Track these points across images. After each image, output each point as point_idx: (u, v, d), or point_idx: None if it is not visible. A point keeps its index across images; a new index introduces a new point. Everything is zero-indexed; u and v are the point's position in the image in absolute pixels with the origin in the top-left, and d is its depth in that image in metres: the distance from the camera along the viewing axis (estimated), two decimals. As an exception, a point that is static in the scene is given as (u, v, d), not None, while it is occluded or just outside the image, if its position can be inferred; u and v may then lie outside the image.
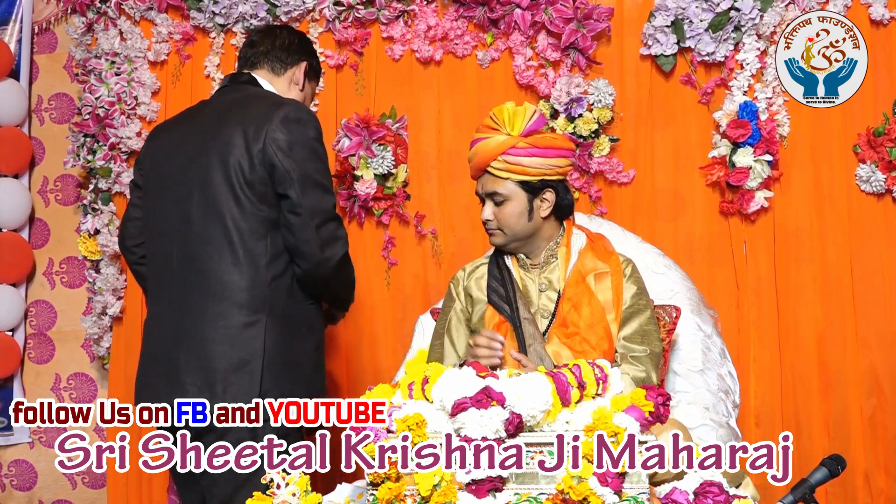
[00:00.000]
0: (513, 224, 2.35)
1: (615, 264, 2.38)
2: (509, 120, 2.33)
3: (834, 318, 3.22)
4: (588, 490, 1.69)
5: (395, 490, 1.72)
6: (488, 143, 2.33)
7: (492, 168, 2.33)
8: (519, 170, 2.31)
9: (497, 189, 2.34)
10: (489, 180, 2.35)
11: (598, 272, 2.36)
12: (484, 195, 2.38)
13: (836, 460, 1.90)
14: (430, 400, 1.86)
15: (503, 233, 2.37)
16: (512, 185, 2.33)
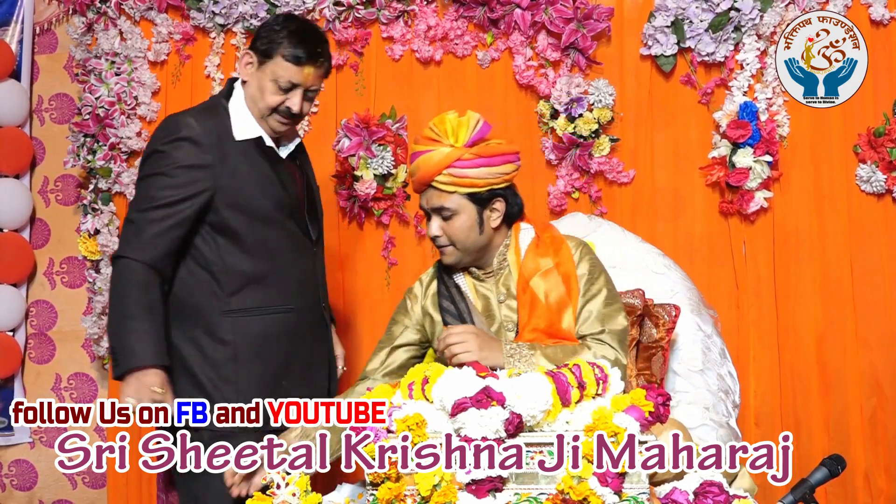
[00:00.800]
0: (464, 238, 2.25)
1: (563, 254, 2.29)
2: (453, 131, 2.21)
3: (834, 318, 3.23)
4: (588, 490, 1.69)
5: (395, 490, 1.72)
6: (432, 157, 2.20)
7: (437, 182, 2.21)
8: (466, 182, 2.20)
9: (444, 203, 2.22)
10: (435, 195, 2.23)
11: (542, 271, 2.26)
12: (430, 210, 2.26)
13: (836, 460, 1.90)
14: (429, 400, 1.86)
15: (455, 248, 2.27)
16: (459, 199, 2.22)
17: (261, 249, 2.44)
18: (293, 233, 2.51)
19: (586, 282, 2.27)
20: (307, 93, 2.44)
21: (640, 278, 2.77)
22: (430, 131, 2.24)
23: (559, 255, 2.28)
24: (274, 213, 2.45)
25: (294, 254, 2.51)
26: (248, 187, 2.41)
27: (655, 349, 2.60)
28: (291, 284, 2.49)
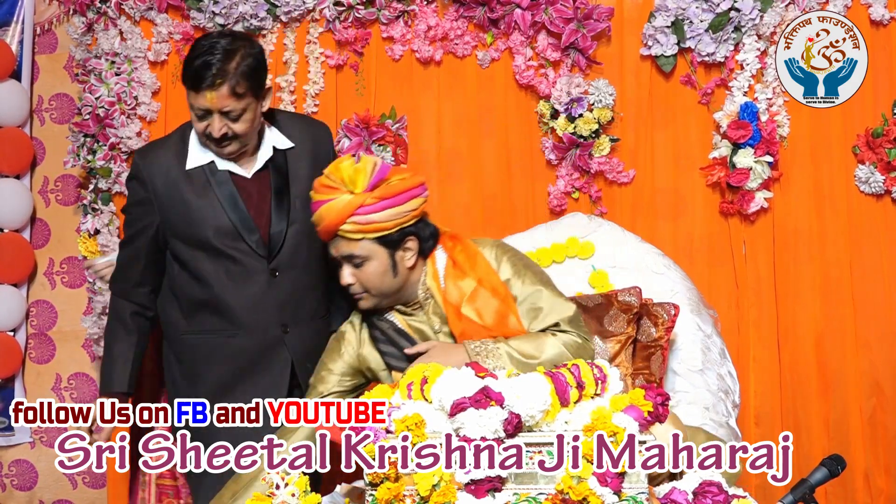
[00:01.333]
0: (378, 284, 2.20)
1: (481, 267, 2.23)
2: (350, 179, 2.16)
3: (833, 319, 3.23)
4: (588, 490, 1.69)
5: (395, 490, 1.72)
6: (333, 206, 2.15)
7: (343, 231, 2.17)
8: (373, 227, 2.16)
9: (354, 252, 2.18)
10: (343, 243, 2.19)
11: (468, 295, 2.20)
12: (340, 258, 2.22)
13: (836, 460, 1.90)
14: (429, 400, 1.86)
15: (370, 294, 2.22)
16: (369, 244, 2.17)
17: (202, 276, 2.50)
18: (239, 259, 2.47)
19: (515, 281, 2.23)
20: (228, 114, 2.37)
21: (639, 278, 2.77)
22: (328, 179, 2.18)
23: (478, 270, 2.22)
24: (216, 241, 2.46)
25: (238, 280, 2.49)
26: (192, 216, 2.46)
27: (654, 348, 2.60)
28: (235, 309, 2.50)
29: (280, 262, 2.49)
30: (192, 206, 2.46)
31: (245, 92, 2.35)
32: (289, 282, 2.50)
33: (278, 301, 2.51)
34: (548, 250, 2.94)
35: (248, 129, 2.41)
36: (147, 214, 2.51)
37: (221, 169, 2.47)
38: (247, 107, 2.37)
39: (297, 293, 2.53)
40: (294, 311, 2.53)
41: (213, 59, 2.34)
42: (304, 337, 2.53)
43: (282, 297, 2.51)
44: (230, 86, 2.33)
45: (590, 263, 2.91)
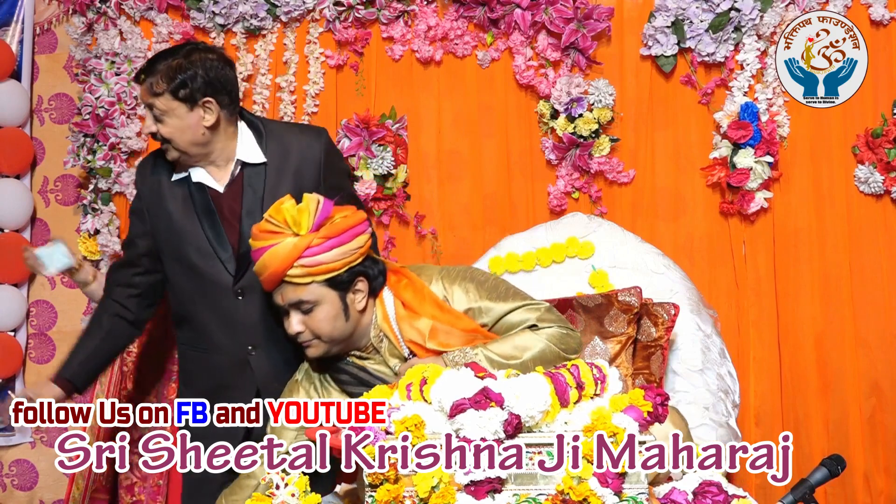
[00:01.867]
0: (329, 330, 2.10)
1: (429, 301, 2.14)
2: (294, 221, 2.05)
3: (833, 319, 3.23)
4: (588, 490, 1.69)
5: (394, 492, 1.72)
6: (278, 251, 2.04)
7: (290, 276, 2.05)
8: (322, 269, 2.05)
9: (302, 297, 2.07)
10: (289, 290, 2.07)
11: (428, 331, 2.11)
12: (287, 307, 2.10)
13: (836, 460, 1.90)
14: (428, 401, 1.86)
15: (321, 341, 2.12)
16: (317, 288, 2.07)
17: (178, 291, 2.47)
18: (211, 276, 2.39)
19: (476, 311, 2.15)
20: (152, 109, 2.34)
21: (639, 278, 2.77)
22: (269, 224, 2.07)
23: (428, 307, 2.14)
24: (194, 257, 2.40)
25: (209, 297, 2.42)
26: (174, 229, 2.41)
27: (654, 348, 2.60)
28: (206, 326, 2.44)
29: (245, 283, 2.37)
30: (174, 218, 2.42)
31: (163, 92, 2.30)
32: (255, 303, 2.39)
33: (245, 322, 2.41)
34: (548, 250, 2.94)
35: (174, 135, 2.33)
36: (141, 223, 2.49)
37: (195, 181, 2.40)
38: (168, 110, 2.31)
39: (266, 315, 2.38)
40: (262, 332, 2.41)
41: (158, 57, 2.35)
42: (272, 359, 2.41)
43: (248, 319, 2.40)
44: (150, 82, 2.31)
45: (590, 263, 2.91)
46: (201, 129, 2.33)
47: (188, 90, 2.29)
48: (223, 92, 2.34)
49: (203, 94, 2.30)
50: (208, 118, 2.32)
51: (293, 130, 2.57)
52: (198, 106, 2.31)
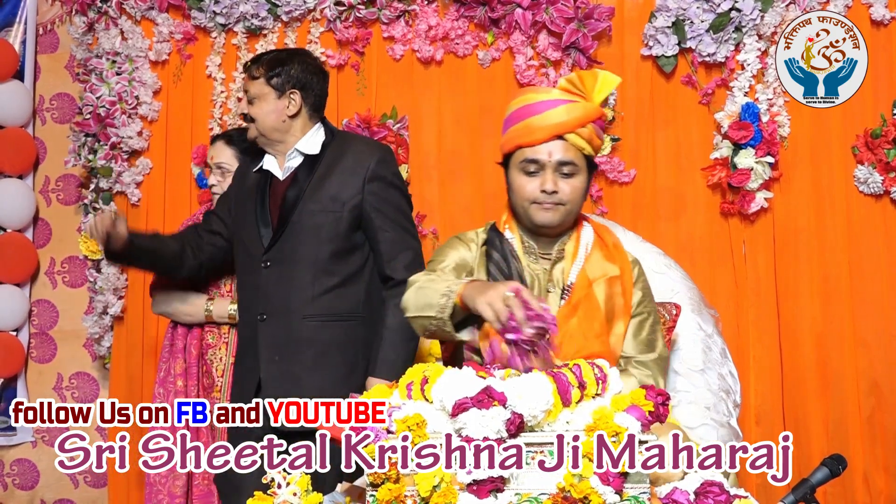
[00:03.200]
0: (576, 200, 2.11)
1: (625, 266, 2.17)
2: (600, 87, 2.10)
3: (833, 318, 3.24)
4: (589, 488, 1.69)
5: (395, 491, 1.72)
6: (578, 107, 2.08)
7: (577, 134, 2.08)
8: (596, 143, 2.12)
9: (573, 159, 2.09)
10: (563, 147, 2.08)
11: (608, 277, 2.14)
12: (554, 163, 2.09)
13: (837, 460, 1.90)
14: (429, 400, 1.85)
15: (563, 208, 2.10)
16: (582, 158, 2.11)
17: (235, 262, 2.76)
18: (251, 249, 2.66)
19: (640, 300, 2.19)
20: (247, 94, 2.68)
21: (640, 278, 2.77)
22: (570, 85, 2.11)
23: (620, 266, 2.17)
24: (241, 231, 2.70)
25: (245, 266, 2.70)
26: (238, 208, 2.73)
27: (655, 348, 2.60)
28: (240, 292, 2.74)
29: (272, 255, 2.61)
30: (241, 198, 2.73)
31: (259, 76, 2.62)
32: (275, 275, 2.61)
33: (263, 290, 2.62)
34: (549, 250, 2.94)
35: (259, 115, 2.62)
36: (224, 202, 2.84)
37: (265, 169, 2.68)
38: (259, 94, 2.62)
39: (281, 288, 2.61)
40: (275, 303, 2.61)
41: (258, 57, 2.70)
42: (276, 331, 2.59)
43: (267, 288, 2.62)
44: (251, 69, 2.66)
45: (590, 263, 2.90)
46: (282, 116, 2.62)
47: (285, 84, 2.62)
48: (309, 91, 2.64)
49: (292, 86, 2.62)
50: (290, 108, 2.62)
51: (359, 138, 2.99)
52: (285, 96, 2.62)
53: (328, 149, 2.66)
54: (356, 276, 2.64)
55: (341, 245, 2.61)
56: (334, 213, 2.59)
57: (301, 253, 2.60)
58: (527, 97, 2.15)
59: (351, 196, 2.60)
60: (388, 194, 2.64)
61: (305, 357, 2.58)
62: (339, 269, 2.61)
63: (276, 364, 2.58)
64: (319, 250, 2.59)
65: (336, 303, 2.61)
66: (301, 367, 2.58)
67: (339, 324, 2.62)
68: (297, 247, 2.60)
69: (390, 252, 2.60)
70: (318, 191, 2.61)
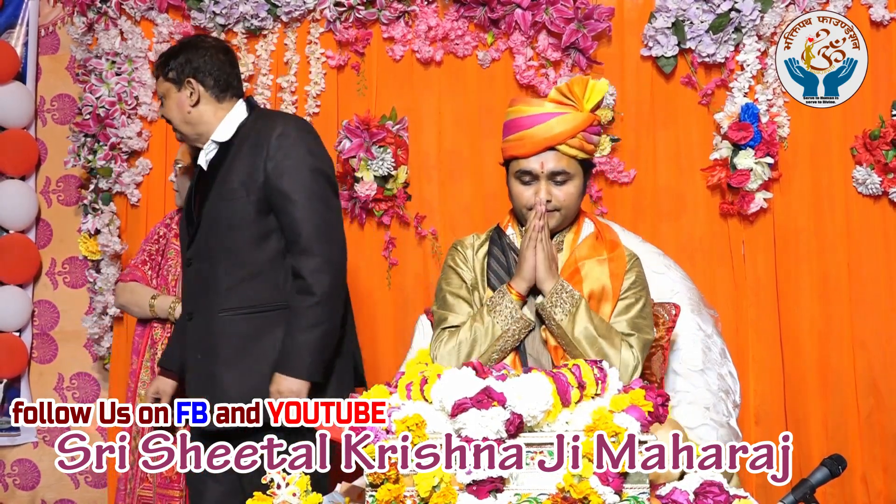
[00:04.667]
0: (571, 204, 2.22)
1: (618, 254, 2.27)
2: (589, 94, 2.19)
3: (832, 319, 3.24)
4: (589, 489, 1.69)
5: (395, 491, 1.72)
6: (568, 119, 2.18)
7: (567, 145, 2.18)
8: (589, 148, 2.21)
9: (565, 167, 2.19)
10: (555, 157, 2.18)
11: (597, 259, 2.24)
12: (546, 174, 2.19)
13: (837, 460, 1.90)
14: (428, 400, 1.86)
15: (560, 214, 2.22)
16: (575, 164, 2.21)
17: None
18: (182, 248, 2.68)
19: (632, 283, 2.26)
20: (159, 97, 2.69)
21: (640, 278, 2.77)
22: (560, 95, 2.20)
23: (613, 254, 2.26)
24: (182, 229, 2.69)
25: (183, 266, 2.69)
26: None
27: (655, 348, 2.59)
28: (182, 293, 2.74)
29: (192, 253, 2.59)
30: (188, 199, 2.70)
31: (158, 75, 2.63)
32: (195, 273, 2.59)
33: (188, 289, 2.62)
34: (549, 250, 2.94)
35: (169, 113, 2.63)
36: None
37: (199, 163, 2.66)
38: (164, 93, 2.63)
39: (203, 283, 2.55)
40: (198, 301, 2.57)
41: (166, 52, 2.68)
42: (198, 330, 2.55)
43: (191, 287, 2.61)
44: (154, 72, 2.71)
45: (590, 263, 2.90)
46: (187, 108, 2.59)
47: (179, 76, 2.59)
48: (205, 73, 2.59)
49: (186, 74, 2.58)
50: (193, 97, 2.58)
51: (276, 114, 2.79)
52: (183, 86, 2.59)
53: (240, 131, 2.57)
54: (273, 262, 2.51)
55: (251, 233, 2.49)
56: (240, 201, 2.49)
57: (213, 246, 2.53)
58: (519, 109, 2.24)
59: (255, 179, 2.48)
60: (290, 172, 2.48)
61: (225, 353, 2.48)
62: (252, 257, 2.50)
63: (198, 363, 2.53)
64: (231, 240, 2.50)
65: (251, 294, 2.50)
66: (219, 364, 2.48)
67: (257, 315, 2.50)
68: (210, 239, 2.54)
69: (288, 240, 2.49)
70: (226, 179, 2.53)
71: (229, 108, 2.61)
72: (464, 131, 3.42)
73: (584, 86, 2.19)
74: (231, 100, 2.61)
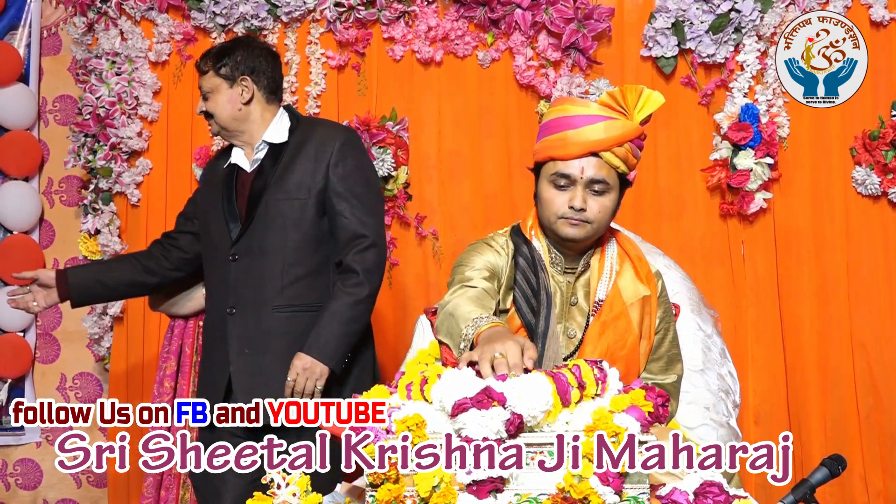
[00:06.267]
0: (604, 218, 2.05)
1: (654, 286, 2.11)
2: (643, 105, 2.06)
3: (831, 319, 3.24)
4: (589, 489, 1.69)
5: (395, 491, 1.72)
6: (617, 125, 2.02)
7: (609, 154, 2.02)
8: (632, 162, 2.05)
9: (605, 177, 2.02)
10: (596, 165, 2.02)
11: (640, 298, 2.08)
12: (586, 180, 2.03)
13: (837, 460, 1.90)
14: (428, 401, 1.86)
15: (590, 226, 2.04)
16: (615, 176, 2.04)
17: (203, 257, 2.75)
18: (218, 243, 2.65)
19: (661, 315, 2.14)
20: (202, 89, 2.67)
21: (640, 278, 2.77)
22: (612, 100, 2.05)
23: (650, 287, 2.10)
24: (209, 225, 2.69)
25: (213, 260, 2.69)
26: (204, 203, 2.73)
27: (655, 349, 2.60)
28: (208, 286, 2.75)
29: (240, 248, 2.60)
30: (207, 193, 2.73)
31: (208, 69, 2.62)
32: (243, 268, 2.61)
33: (232, 283, 2.61)
34: (549, 250, 2.94)
35: (216, 109, 2.62)
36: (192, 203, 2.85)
37: (232, 163, 2.67)
38: (212, 87, 2.62)
39: (249, 280, 2.59)
40: (243, 295, 2.60)
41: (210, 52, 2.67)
42: (246, 323, 2.58)
43: (235, 281, 2.61)
44: (200, 65, 2.65)
45: (591, 263, 2.90)
46: (238, 106, 2.62)
47: (234, 73, 2.61)
48: (260, 74, 2.63)
49: (241, 72, 2.61)
50: (244, 95, 2.62)
51: (324, 122, 2.90)
52: (237, 83, 2.61)
53: (293, 135, 2.64)
54: (326, 265, 2.61)
55: (309, 233, 2.58)
56: (300, 201, 2.57)
57: (269, 244, 2.58)
58: (565, 108, 2.09)
59: (316, 182, 2.58)
60: (350, 179, 2.59)
61: (276, 349, 2.56)
62: (307, 258, 2.59)
63: (246, 357, 2.57)
64: (287, 240, 2.58)
65: (305, 293, 2.59)
66: (272, 359, 2.55)
67: (310, 314, 2.57)
68: (265, 238, 2.58)
69: (345, 239, 2.57)
70: (283, 179, 2.59)
71: (275, 111, 2.66)
72: (464, 131, 3.42)
73: (638, 95, 2.06)
74: (276, 104, 2.67)
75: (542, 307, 2.05)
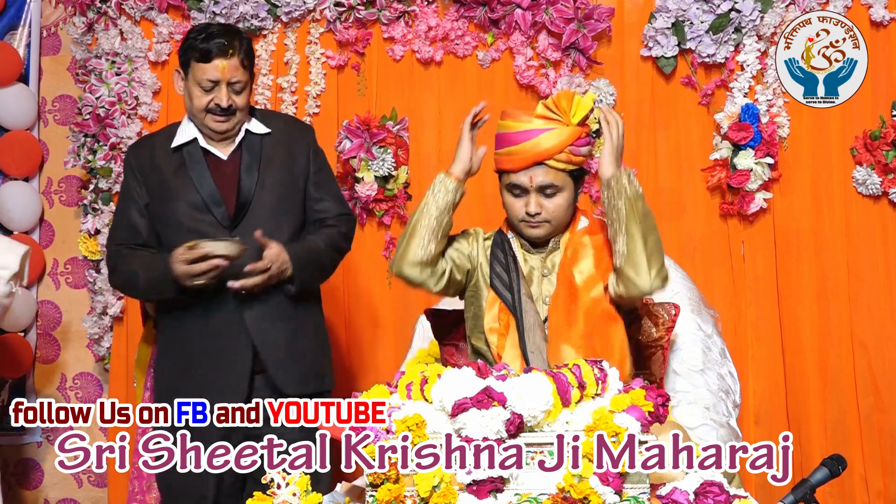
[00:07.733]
0: (560, 216, 2.28)
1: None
2: (575, 109, 2.25)
3: (831, 319, 3.24)
4: (589, 489, 1.70)
5: (395, 491, 1.72)
6: (554, 135, 2.23)
7: (555, 160, 2.23)
8: (577, 160, 2.25)
9: (553, 181, 2.25)
10: (544, 172, 2.25)
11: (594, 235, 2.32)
12: (535, 188, 2.26)
13: (837, 460, 1.90)
14: (429, 400, 1.86)
15: (549, 224, 2.29)
16: (564, 176, 2.26)
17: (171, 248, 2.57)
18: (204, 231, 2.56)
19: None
20: (232, 86, 2.56)
21: (640, 278, 2.77)
22: (547, 110, 2.26)
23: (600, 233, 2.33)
24: (184, 216, 2.59)
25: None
26: (166, 194, 2.61)
27: (655, 348, 2.60)
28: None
29: (240, 233, 2.56)
30: (169, 184, 2.62)
31: (248, 66, 2.58)
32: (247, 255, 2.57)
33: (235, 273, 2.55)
34: (549, 250, 2.95)
35: (246, 105, 2.61)
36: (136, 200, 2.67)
37: (202, 147, 2.63)
38: (246, 83, 2.59)
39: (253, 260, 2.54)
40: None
41: (221, 34, 2.56)
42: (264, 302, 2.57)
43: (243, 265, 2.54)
44: (239, 58, 2.55)
45: (591, 263, 2.90)
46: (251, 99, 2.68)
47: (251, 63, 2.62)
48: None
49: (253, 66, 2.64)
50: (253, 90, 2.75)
51: (282, 115, 2.98)
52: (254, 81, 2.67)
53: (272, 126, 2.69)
54: None
55: (300, 218, 2.68)
56: (294, 188, 2.67)
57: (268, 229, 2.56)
58: (507, 124, 2.33)
59: (301, 170, 2.68)
60: (326, 168, 2.76)
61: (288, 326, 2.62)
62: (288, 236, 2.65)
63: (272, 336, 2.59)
64: (280, 226, 2.61)
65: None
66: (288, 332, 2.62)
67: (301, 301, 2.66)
68: (259, 224, 2.56)
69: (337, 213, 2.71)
70: (268, 167, 2.64)
71: None
72: (464, 131, 3.42)
73: (570, 100, 2.25)
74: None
75: (514, 282, 2.28)
